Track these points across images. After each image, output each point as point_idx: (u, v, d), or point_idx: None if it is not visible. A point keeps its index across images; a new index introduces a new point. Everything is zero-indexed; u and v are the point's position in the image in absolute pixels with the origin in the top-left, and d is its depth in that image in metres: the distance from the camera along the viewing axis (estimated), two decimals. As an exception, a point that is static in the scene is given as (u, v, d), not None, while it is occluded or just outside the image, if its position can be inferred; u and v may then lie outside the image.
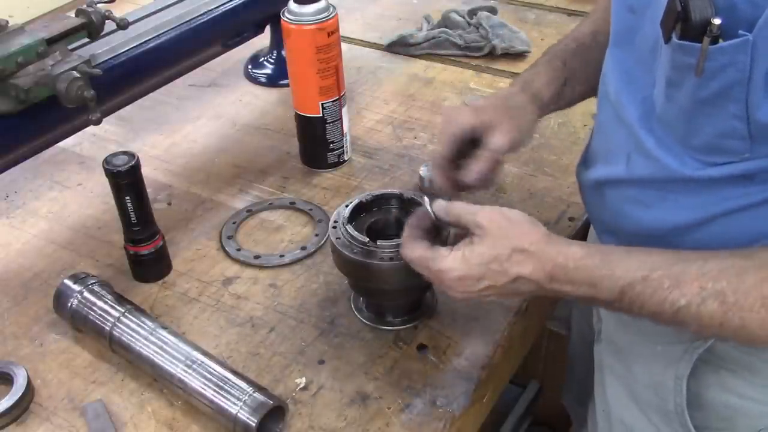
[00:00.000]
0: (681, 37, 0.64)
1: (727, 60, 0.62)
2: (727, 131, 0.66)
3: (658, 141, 0.74)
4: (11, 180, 1.23)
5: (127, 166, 0.95)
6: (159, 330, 0.90)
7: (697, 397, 0.83)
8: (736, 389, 0.81)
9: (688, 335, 0.80)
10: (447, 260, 0.76)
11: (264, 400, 0.81)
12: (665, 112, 0.72)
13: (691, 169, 0.71)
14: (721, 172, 0.69)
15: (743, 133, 0.65)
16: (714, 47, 0.62)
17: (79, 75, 0.94)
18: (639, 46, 0.75)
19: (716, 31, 0.61)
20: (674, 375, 0.83)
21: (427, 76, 1.48)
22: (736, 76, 0.62)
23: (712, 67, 0.63)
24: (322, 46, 1.13)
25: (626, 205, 0.80)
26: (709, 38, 0.61)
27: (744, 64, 0.61)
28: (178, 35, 1.18)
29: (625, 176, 0.79)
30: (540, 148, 1.25)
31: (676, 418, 0.85)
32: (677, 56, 0.66)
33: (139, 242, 1.01)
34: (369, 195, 0.95)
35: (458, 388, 0.87)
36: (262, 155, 1.29)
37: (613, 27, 0.80)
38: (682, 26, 0.63)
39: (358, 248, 0.88)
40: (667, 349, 0.83)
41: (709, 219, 0.73)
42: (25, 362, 0.92)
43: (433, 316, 0.96)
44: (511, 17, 1.63)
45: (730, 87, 0.63)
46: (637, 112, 0.76)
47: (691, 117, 0.69)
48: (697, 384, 0.82)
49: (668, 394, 0.84)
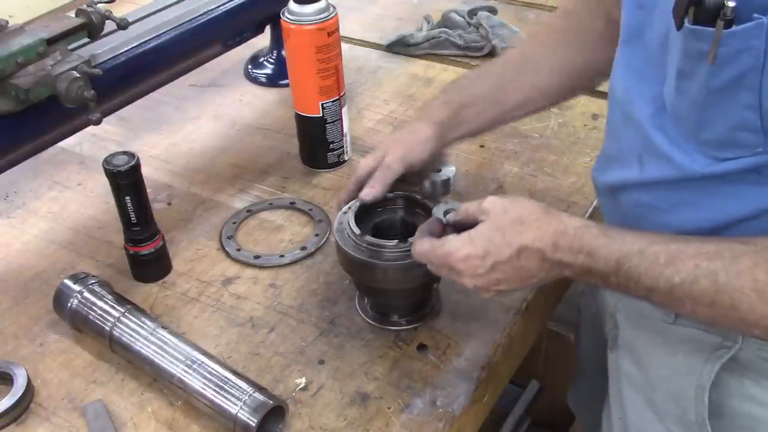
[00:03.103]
0: (694, 21, 0.63)
1: (741, 45, 0.61)
2: (739, 123, 0.65)
3: (669, 139, 0.73)
4: (11, 180, 1.23)
5: (127, 166, 0.95)
6: (159, 330, 0.90)
7: (719, 406, 0.82)
8: (759, 398, 0.79)
9: (710, 344, 0.80)
10: (453, 242, 0.78)
11: (264, 400, 0.81)
12: (676, 107, 0.71)
13: (702, 165, 0.70)
14: (733, 166, 0.69)
15: (755, 124, 0.65)
16: (727, 31, 0.61)
17: (79, 75, 0.94)
18: (648, 43, 0.75)
19: (730, 14, 0.60)
20: (695, 384, 0.81)
21: (427, 76, 1.48)
22: (749, 62, 0.62)
23: (726, 53, 0.62)
24: (322, 46, 1.13)
25: (642, 211, 0.79)
26: (723, 22, 0.60)
27: (758, 49, 0.60)
28: (178, 35, 1.18)
29: (638, 179, 0.78)
30: (540, 148, 1.25)
31: (696, 428, 0.83)
32: (690, 43, 0.65)
33: (139, 242, 1.01)
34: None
35: (458, 388, 0.87)
36: (262, 155, 1.29)
37: (624, 26, 0.80)
38: (695, 10, 0.62)
39: (364, 248, 0.88)
40: (688, 358, 0.82)
41: (728, 224, 0.72)
42: (25, 362, 0.92)
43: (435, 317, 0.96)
44: (511, 17, 1.63)
45: (743, 75, 0.63)
46: (647, 110, 0.75)
47: (703, 109, 0.68)
48: (718, 393, 0.81)
49: (689, 404, 0.83)
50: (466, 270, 0.77)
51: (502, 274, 0.77)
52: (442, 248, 0.78)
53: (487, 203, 0.79)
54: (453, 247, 0.77)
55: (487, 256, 0.76)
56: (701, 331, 0.81)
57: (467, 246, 0.76)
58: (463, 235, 0.77)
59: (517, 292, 0.98)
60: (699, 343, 0.81)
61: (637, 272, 0.71)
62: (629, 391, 0.93)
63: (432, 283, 0.94)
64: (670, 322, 0.83)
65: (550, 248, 0.74)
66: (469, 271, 0.77)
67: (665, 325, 0.84)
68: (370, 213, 0.95)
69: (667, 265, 0.69)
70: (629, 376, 0.92)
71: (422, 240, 0.81)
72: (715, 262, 0.67)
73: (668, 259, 0.69)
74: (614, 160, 0.85)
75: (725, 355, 0.79)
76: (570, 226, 0.75)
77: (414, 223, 0.94)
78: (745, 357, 0.78)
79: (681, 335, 0.83)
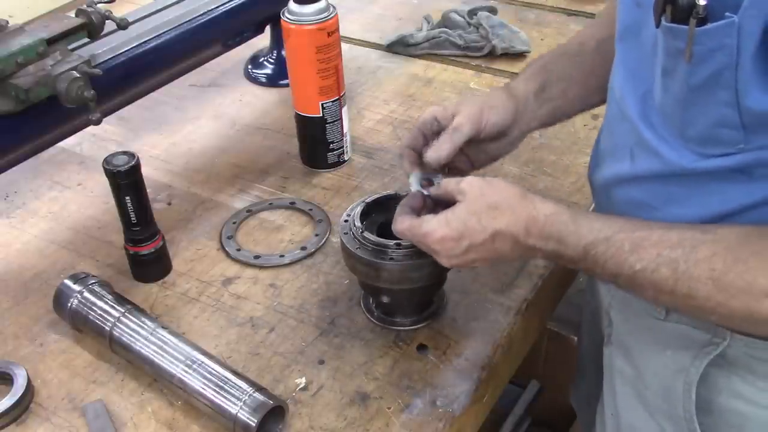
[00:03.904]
0: (670, 20, 0.64)
1: (715, 43, 0.62)
2: (719, 120, 0.67)
3: (657, 135, 0.74)
4: (11, 180, 1.23)
5: (127, 166, 0.95)
6: (159, 330, 0.90)
7: (707, 402, 0.82)
8: (747, 395, 0.80)
9: (699, 341, 0.80)
10: (431, 223, 0.80)
11: (264, 400, 0.81)
12: (663, 104, 0.73)
13: (689, 161, 0.72)
14: (718, 164, 0.70)
15: (735, 121, 0.66)
16: (700, 29, 0.62)
17: (79, 75, 0.94)
18: (644, 42, 0.76)
19: (702, 12, 0.62)
20: (684, 380, 0.82)
21: (427, 76, 1.48)
22: (724, 60, 0.63)
23: (701, 52, 0.63)
24: (322, 46, 1.13)
25: (633, 208, 0.80)
26: (695, 20, 0.62)
27: (731, 47, 0.62)
28: (178, 35, 1.18)
29: (630, 173, 0.79)
30: (540, 148, 1.25)
31: (685, 424, 0.84)
32: (668, 41, 0.67)
33: (139, 242, 1.01)
34: (381, 195, 0.95)
35: (458, 388, 0.87)
36: (262, 155, 1.29)
37: (620, 22, 0.80)
38: (671, 9, 0.64)
39: (370, 248, 0.88)
40: (676, 354, 0.83)
41: (713, 221, 0.73)
42: (25, 362, 0.92)
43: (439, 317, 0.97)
44: (511, 17, 1.63)
45: (719, 73, 0.64)
46: (637, 107, 0.76)
47: (686, 106, 0.69)
48: (707, 390, 0.82)
49: (677, 400, 0.84)
50: (442, 251, 0.80)
51: (477, 255, 0.80)
52: (420, 228, 0.81)
53: (465, 184, 0.81)
54: (430, 227, 0.80)
55: (462, 239, 0.78)
56: (690, 328, 0.81)
57: (444, 228, 0.79)
58: (440, 217, 0.80)
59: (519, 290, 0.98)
60: (688, 339, 0.82)
61: (603, 258, 0.73)
62: (622, 387, 0.93)
63: (437, 283, 0.94)
64: (661, 318, 0.84)
65: (522, 233, 0.77)
66: (445, 252, 0.80)
67: (656, 322, 0.85)
68: (376, 212, 0.95)
69: (630, 252, 0.72)
70: (622, 373, 0.93)
71: (403, 218, 0.84)
72: (675, 251, 0.69)
73: (632, 247, 0.72)
74: (608, 154, 0.86)
75: (713, 351, 0.80)
76: (542, 213, 0.77)
77: None
78: (733, 354, 0.79)
79: (671, 332, 0.84)
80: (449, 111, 0.91)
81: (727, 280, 0.67)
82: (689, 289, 0.69)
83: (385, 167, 1.23)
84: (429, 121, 0.91)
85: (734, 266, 0.67)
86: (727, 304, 0.67)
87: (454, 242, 0.79)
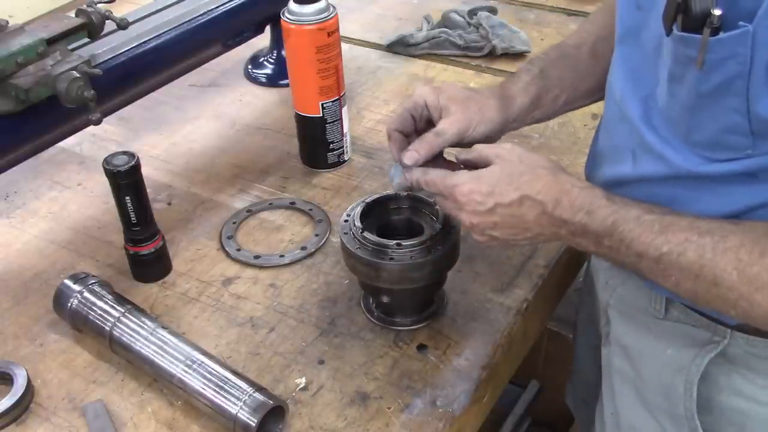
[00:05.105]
0: (682, 29, 0.64)
1: (728, 52, 0.62)
2: (728, 126, 0.66)
3: (660, 138, 0.74)
4: (11, 180, 1.23)
5: (127, 166, 0.95)
6: (159, 330, 0.90)
7: (708, 401, 0.82)
8: (747, 393, 0.80)
9: (699, 339, 0.80)
10: (462, 175, 0.80)
11: (264, 400, 0.81)
12: (668, 109, 0.72)
13: (694, 164, 0.71)
14: (725, 168, 0.70)
15: (744, 128, 0.65)
16: (714, 39, 0.62)
17: (79, 75, 0.94)
18: (644, 44, 0.75)
19: (716, 22, 0.61)
20: (684, 379, 0.82)
21: (427, 76, 1.48)
22: (736, 68, 0.62)
23: (713, 60, 0.63)
24: (322, 46, 1.13)
25: None
26: (709, 29, 0.61)
27: (744, 56, 0.61)
28: (178, 35, 1.18)
29: (632, 175, 0.79)
30: (540, 148, 1.25)
31: (686, 423, 0.84)
32: (679, 49, 0.66)
33: (139, 242, 1.01)
34: (381, 195, 0.95)
35: (458, 388, 0.87)
36: (262, 155, 1.29)
37: (620, 25, 0.80)
38: (683, 18, 0.63)
39: (370, 248, 0.88)
40: (677, 353, 0.83)
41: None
42: (25, 362, 0.92)
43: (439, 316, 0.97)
44: (511, 17, 1.63)
45: (730, 80, 0.63)
46: (638, 109, 0.76)
47: (693, 112, 0.69)
48: (707, 388, 0.82)
49: (678, 399, 0.84)
50: (467, 204, 0.80)
51: (500, 218, 0.79)
52: (450, 179, 0.81)
53: (503, 150, 0.81)
54: (460, 180, 0.80)
55: (490, 196, 0.78)
56: (691, 327, 0.81)
57: (474, 181, 0.79)
58: (473, 172, 0.80)
59: (519, 290, 0.98)
60: (688, 338, 0.82)
61: (630, 236, 0.72)
62: (621, 387, 0.93)
63: (437, 283, 0.94)
64: (661, 317, 0.84)
65: (551, 204, 0.77)
66: (470, 206, 0.79)
67: (656, 321, 0.85)
68: (376, 212, 0.95)
69: (659, 233, 0.71)
70: (621, 372, 0.93)
71: (426, 169, 0.84)
72: (704, 238, 0.69)
73: (661, 228, 0.71)
74: (608, 155, 0.85)
75: (714, 350, 0.80)
76: (576, 186, 0.77)
77: (420, 224, 0.94)
78: (734, 352, 0.79)
79: (671, 330, 0.84)
80: (439, 101, 0.89)
81: (752, 272, 0.66)
82: (714, 276, 0.68)
83: (385, 167, 1.23)
84: (419, 106, 0.90)
85: (760, 259, 0.66)
86: (750, 296, 0.67)
87: (482, 197, 0.78)
